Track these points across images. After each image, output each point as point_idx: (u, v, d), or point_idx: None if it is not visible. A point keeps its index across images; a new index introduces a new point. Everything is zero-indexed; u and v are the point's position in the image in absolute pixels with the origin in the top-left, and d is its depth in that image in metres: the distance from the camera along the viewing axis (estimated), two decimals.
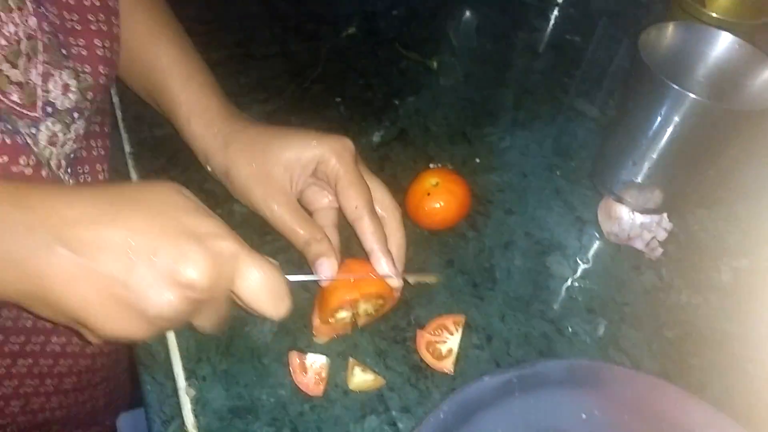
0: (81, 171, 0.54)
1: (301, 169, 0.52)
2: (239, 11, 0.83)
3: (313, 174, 0.53)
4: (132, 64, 0.57)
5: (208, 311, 0.39)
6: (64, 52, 0.47)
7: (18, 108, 0.44)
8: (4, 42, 0.42)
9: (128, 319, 0.36)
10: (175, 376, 0.48)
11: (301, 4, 0.87)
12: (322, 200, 0.55)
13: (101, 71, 0.50)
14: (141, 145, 0.63)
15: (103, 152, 0.58)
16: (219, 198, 0.59)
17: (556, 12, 0.95)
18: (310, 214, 0.54)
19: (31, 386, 0.60)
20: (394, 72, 0.79)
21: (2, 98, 0.43)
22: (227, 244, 0.38)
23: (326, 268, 0.49)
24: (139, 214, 0.37)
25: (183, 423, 0.46)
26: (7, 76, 0.43)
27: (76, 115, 0.49)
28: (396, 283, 0.50)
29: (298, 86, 0.74)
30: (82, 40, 0.49)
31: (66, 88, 0.47)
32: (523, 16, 0.93)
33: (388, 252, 0.50)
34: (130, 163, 0.61)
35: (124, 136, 0.64)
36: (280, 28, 0.82)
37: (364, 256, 0.51)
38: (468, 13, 0.93)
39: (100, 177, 0.57)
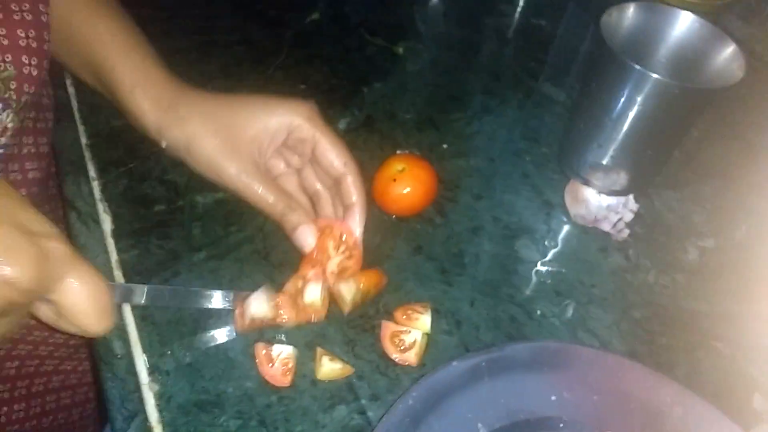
0: (11, 169, 0.52)
1: (270, 138, 0.51)
2: None
3: (282, 143, 0.52)
4: (71, 40, 0.55)
5: (13, 316, 0.37)
6: None
7: None
8: None
9: None
10: (137, 371, 0.47)
11: None
12: (279, 166, 0.55)
13: (24, 61, 0.48)
14: (98, 137, 0.61)
15: (33, 150, 0.56)
16: (180, 189, 0.58)
17: None
18: None
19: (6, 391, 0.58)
20: (359, 58, 0.78)
21: None
22: (59, 246, 0.36)
23: (308, 235, 0.50)
24: None
25: (146, 419, 0.44)
26: None
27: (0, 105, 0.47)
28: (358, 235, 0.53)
29: (262, 74, 0.72)
30: (3, 29, 0.47)
31: None
32: (490, 1, 0.93)
33: (365, 210, 0.52)
34: (87, 155, 0.59)
35: (80, 128, 0.62)
36: (242, 14, 0.80)
37: None
38: None
39: (30, 176, 0.55)
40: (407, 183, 0.57)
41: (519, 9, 0.93)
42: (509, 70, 0.81)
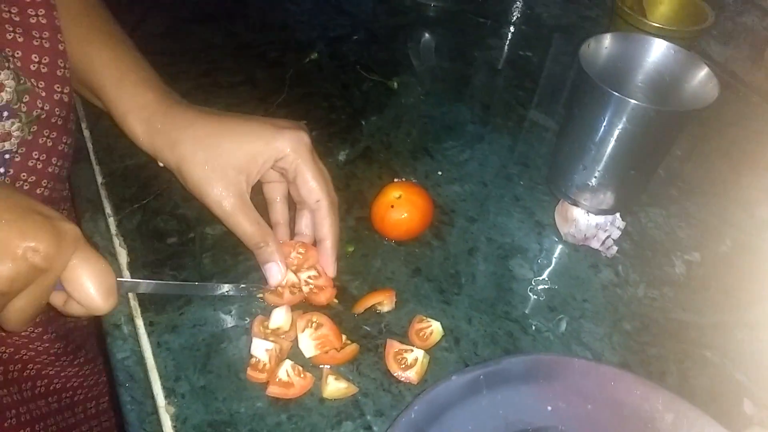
0: (23, 178, 0.56)
1: (257, 168, 0.53)
2: (204, 42, 0.86)
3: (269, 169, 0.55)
4: (74, 70, 0.58)
5: (36, 289, 0.41)
6: (5, 53, 0.50)
7: None
8: None
9: None
10: (155, 394, 0.49)
11: (265, 32, 0.90)
12: (270, 175, 0.57)
13: (34, 83, 0.53)
14: (112, 176, 0.65)
15: (56, 171, 0.59)
16: (191, 222, 0.61)
17: (510, 30, 1.00)
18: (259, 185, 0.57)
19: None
20: (356, 94, 0.82)
21: None
22: (71, 228, 0.42)
23: (276, 273, 0.54)
24: None
25: None
26: None
27: (5, 113, 0.51)
28: (332, 273, 0.56)
29: (265, 111, 0.76)
30: (19, 52, 0.52)
31: (1, 86, 0.50)
32: (479, 36, 0.97)
33: (337, 245, 0.56)
34: (103, 193, 0.63)
35: (96, 168, 0.65)
36: (244, 56, 0.85)
37: None
38: (426, 35, 0.97)
39: (38, 191, 0.58)
40: (404, 209, 0.60)
41: (507, 42, 0.98)
42: (500, 100, 0.85)
